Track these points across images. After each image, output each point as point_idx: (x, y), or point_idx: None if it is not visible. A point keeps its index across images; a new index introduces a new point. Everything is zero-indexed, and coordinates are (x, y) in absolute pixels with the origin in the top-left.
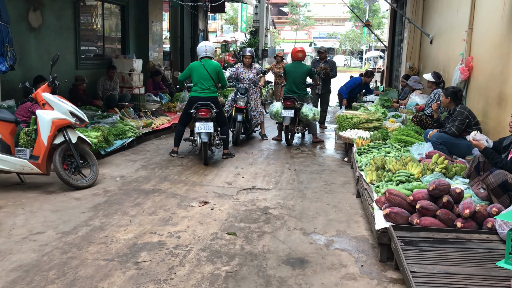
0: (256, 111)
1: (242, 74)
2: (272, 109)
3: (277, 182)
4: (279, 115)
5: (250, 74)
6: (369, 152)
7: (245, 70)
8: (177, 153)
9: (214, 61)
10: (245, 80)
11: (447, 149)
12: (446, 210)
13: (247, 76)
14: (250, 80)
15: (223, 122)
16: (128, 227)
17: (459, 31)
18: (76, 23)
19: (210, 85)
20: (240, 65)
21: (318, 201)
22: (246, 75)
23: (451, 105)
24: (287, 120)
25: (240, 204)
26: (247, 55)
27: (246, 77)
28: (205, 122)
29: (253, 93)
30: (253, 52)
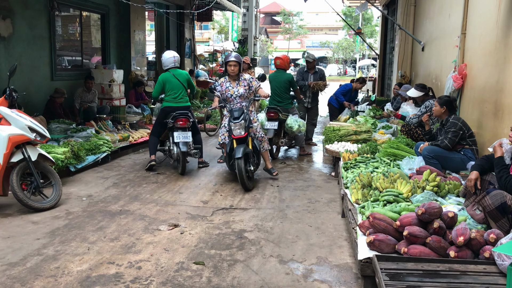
0: (256, 137)
1: (229, 90)
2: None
3: (257, 201)
4: (262, 127)
5: (239, 89)
6: (356, 167)
7: (232, 84)
8: (155, 161)
9: (181, 70)
10: (234, 98)
11: (439, 164)
12: (438, 237)
13: (236, 92)
14: (241, 97)
15: (196, 131)
16: (85, 256)
17: (452, 37)
18: (51, 32)
19: (183, 94)
20: (225, 79)
21: (300, 222)
22: (235, 91)
23: (444, 115)
24: (271, 133)
25: (214, 226)
26: (232, 61)
27: (235, 93)
28: (184, 132)
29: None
30: (240, 58)
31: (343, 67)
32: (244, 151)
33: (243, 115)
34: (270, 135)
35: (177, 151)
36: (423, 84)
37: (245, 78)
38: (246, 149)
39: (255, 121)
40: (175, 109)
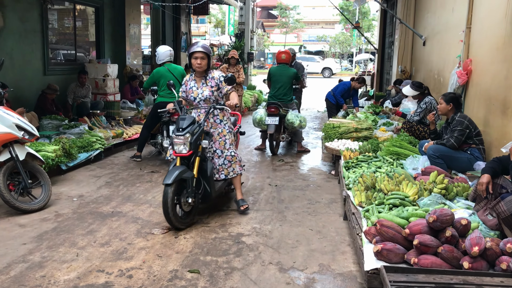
0: (224, 156)
1: (192, 91)
2: (256, 116)
3: (255, 202)
4: (263, 122)
5: (204, 90)
6: (358, 167)
7: (197, 83)
8: (141, 158)
9: (177, 65)
10: (198, 102)
11: (445, 163)
12: (450, 247)
13: (200, 94)
14: (206, 102)
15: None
16: (73, 263)
17: (456, 31)
18: (44, 25)
19: (178, 90)
20: (190, 77)
21: (300, 225)
22: (199, 93)
23: (450, 113)
24: (272, 128)
25: (210, 230)
26: (198, 52)
27: (199, 96)
28: None
29: (215, 123)
30: (209, 48)
31: (340, 61)
32: (178, 175)
33: (191, 127)
34: (271, 131)
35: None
36: (420, 82)
37: (213, 76)
38: (185, 173)
39: (223, 134)
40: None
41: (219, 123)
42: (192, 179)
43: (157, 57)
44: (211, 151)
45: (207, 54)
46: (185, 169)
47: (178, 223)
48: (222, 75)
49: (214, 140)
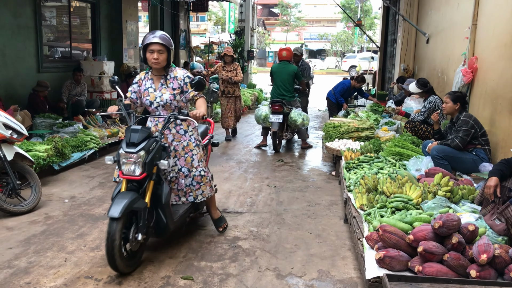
0: (192, 176)
1: (148, 94)
2: (260, 113)
3: (252, 203)
4: (267, 120)
5: (164, 93)
6: (359, 168)
7: (155, 83)
8: None
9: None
10: (155, 107)
11: (449, 164)
12: (456, 254)
13: (158, 97)
14: (166, 107)
15: None
16: (60, 269)
17: (461, 28)
18: (37, 22)
19: None
20: (146, 75)
21: (299, 228)
22: (157, 96)
23: (456, 112)
24: (276, 126)
25: (205, 233)
26: (154, 44)
27: (156, 100)
28: None
29: (178, 134)
30: (168, 40)
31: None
32: (128, 206)
33: (147, 142)
34: (274, 128)
35: None
36: (426, 80)
37: (176, 76)
38: (136, 202)
39: (190, 148)
40: None
41: (183, 135)
42: (144, 210)
43: None
44: (175, 169)
45: (166, 47)
46: (136, 197)
47: (125, 267)
48: (187, 75)
49: (178, 157)
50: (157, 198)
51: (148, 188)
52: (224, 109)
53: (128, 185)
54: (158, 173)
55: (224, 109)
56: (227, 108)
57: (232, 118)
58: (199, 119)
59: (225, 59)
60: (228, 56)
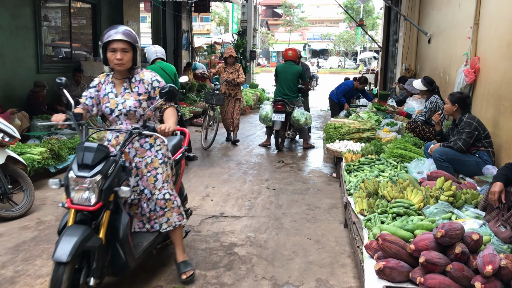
0: (155, 199)
1: (109, 100)
2: (262, 113)
3: (251, 207)
4: (268, 119)
5: (128, 99)
6: (360, 170)
7: (116, 88)
8: None
9: (169, 64)
10: (117, 116)
11: (452, 167)
12: (460, 265)
13: (120, 104)
14: (129, 116)
15: (182, 126)
16: (48, 279)
17: (462, 28)
18: (37, 22)
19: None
20: (107, 78)
21: (298, 233)
22: (118, 103)
23: (457, 114)
24: (278, 125)
25: (201, 239)
26: (116, 41)
27: (118, 107)
28: None
29: (142, 148)
30: (133, 35)
31: (344, 59)
32: (78, 247)
33: (104, 164)
34: (277, 127)
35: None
36: (432, 79)
37: (142, 79)
38: (89, 240)
39: (154, 166)
40: None
41: (148, 149)
42: (99, 249)
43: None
44: (136, 191)
45: (131, 45)
46: (89, 233)
47: None
48: (156, 78)
49: (140, 175)
50: (114, 230)
51: (103, 221)
52: (224, 111)
53: (78, 216)
54: (116, 200)
55: (225, 111)
56: (227, 110)
57: (235, 120)
58: (168, 134)
59: (228, 60)
60: (231, 58)
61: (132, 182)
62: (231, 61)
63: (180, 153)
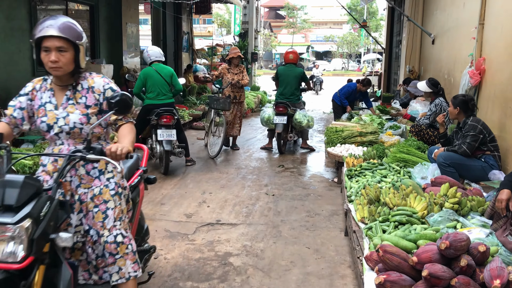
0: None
1: (46, 112)
2: (264, 115)
3: (248, 214)
4: (270, 121)
5: (72, 113)
6: (362, 175)
7: (56, 97)
8: None
9: (165, 65)
10: (56, 132)
11: (457, 172)
12: (466, 278)
13: (61, 118)
14: (73, 135)
15: (180, 129)
16: None
17: (467, 28)
18: (32, 24)
19: (166, 91)
20: (43, 84)
21: (296, 242)
22: (58, 117)
23: (460, 117)
24: (280, 127)
25: (195, 249)
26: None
27: (58, 123)
28: (168, 129)
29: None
30: (74, 29)
31: (347, 61)
32: None
33: (36, 204)
34: (279, 130)
35: (161, 150)
36: (437, 81)
37: (92, 86)
38: None
39: (104, 198)
40: (158, 107)
41: (96, 177)
42: None
43: (148, 57)
44: (80, 231)
45: (71, 42)
46: None
47: None
48: (110, 86)
49: (85, 211)
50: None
51: (36, 280)
52: (227, 116)
53: (1, 275)
54: (53, 248)
55: (228, 116)
56: (231, 114)
57: (236, 125)
58: (121, 158)
59: (233, 61)
60: (236, 59)
61: (75, 220)
62: (236, 62)
63: (137, 176)
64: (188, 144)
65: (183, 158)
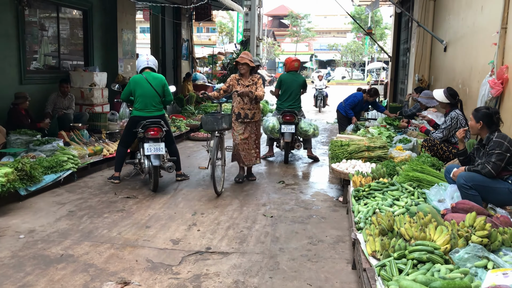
0: None
1: None
2: (268, 124)
3: (242, 240)
4: (275, 130)
5: None
6: (371, 197)
7: None
8: (119, 179)
9: (158, 74)
10: None
11: (479, 195)
12: None
13: None
14: None
15: (171, 141)
16: None
17: (486, 33)
18: (20, 29)
19: (156, 102)
20: None
21: (296, 277)
22: None
23: (483, 132)
24: (288, 136)
25: (178, 284)
26: None
27: None
28: (155, 143)
29: None
30: None
31: (351, 70)
32: None
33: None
34: (287, 139)
35: (149, 165)
36: (455, 91)
37: None
38: None
39: None
40: (145, 119)
41: None
42: None
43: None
44: None
45: None
46: None
47: None
48: None
49: None
50: None
51: None
52: (238, 139)
53: None
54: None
55: (239, 139)
56: (244, 137)
57: (252, 151)
58: None
59: (241, 70)
60: (245, 66)
61: None
62: (245, 70)
63: None
64: (180, 158)
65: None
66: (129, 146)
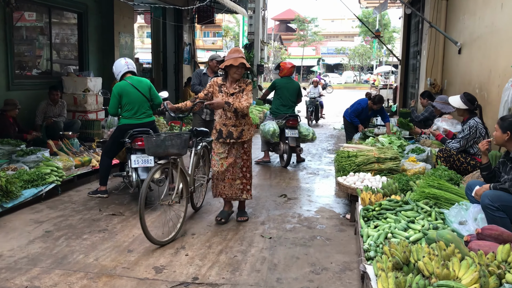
0: None
1: None
2: (269, 129)
3: (235, 267)
4: (276, 135)
5: None
6: (382, 218)
7: None
8: (107, 193)
9: (142, 77)
10: None
11: (508, 217)
12: None
13: None
14: None
15: None
16: None
17: (506, 33)
18: (8, 32)
19: (146, 108)
20: None
21: None
22: None
23: (510, 144)
24: (293, 141)
25: None
26: None
27: None
28: (143, 154)
29: None
30: None
31: (359, 74)
32: None
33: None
34: (292, 143)
35: (136, 179)
36: (474, 97)
37: None
38: None
39: None
40: (136, 127)
41: None
42: None
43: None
44: None
45: None
46: None
47: None
48: None
49: None
50: None
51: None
52: (219, 165)
53: None
54: None
55: (220, 165)
56: (224, 162)
57: (237, 181)
58: None
59: (230, 73)
60: (235, 68)
61: None
62: (235, 73)
63: None
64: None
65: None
66: (114, 156)
